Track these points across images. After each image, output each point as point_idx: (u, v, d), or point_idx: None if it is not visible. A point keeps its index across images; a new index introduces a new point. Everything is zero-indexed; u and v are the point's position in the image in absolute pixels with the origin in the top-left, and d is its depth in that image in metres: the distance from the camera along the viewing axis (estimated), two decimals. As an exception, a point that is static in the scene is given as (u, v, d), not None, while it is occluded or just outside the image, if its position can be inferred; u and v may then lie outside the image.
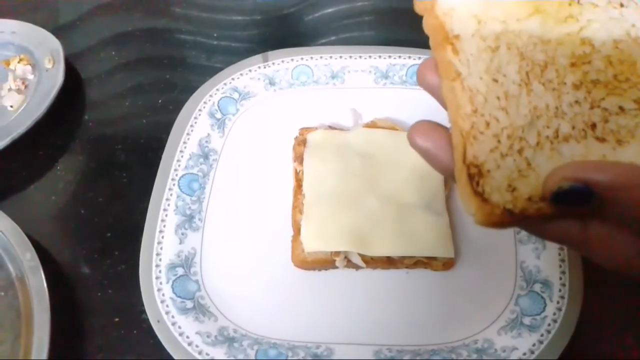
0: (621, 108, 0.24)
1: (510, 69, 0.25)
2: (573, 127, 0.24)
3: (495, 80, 0.25)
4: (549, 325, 0.41)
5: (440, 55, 0.26)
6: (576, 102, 0.24)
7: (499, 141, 0.24)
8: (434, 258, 0.45)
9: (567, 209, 0.22)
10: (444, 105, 0.26)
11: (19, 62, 0.61)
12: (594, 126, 0.24)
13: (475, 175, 0.23)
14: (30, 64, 0.61)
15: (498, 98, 0.25)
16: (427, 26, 0.27)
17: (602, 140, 0.24)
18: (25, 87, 0.60)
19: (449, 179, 0.26)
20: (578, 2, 0.26)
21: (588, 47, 0.26)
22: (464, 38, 0.26)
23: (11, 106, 0.58)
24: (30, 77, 0.61)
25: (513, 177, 0.23)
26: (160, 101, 0.60)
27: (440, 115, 0.26)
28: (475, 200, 0.23)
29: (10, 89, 0.59)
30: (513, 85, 0.25)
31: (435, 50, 0.26)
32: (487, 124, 0.24)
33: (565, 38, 0.26)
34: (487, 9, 0.26)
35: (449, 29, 0.26)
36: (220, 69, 0.59)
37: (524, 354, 0.40)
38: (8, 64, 0.62)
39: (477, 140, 0.24)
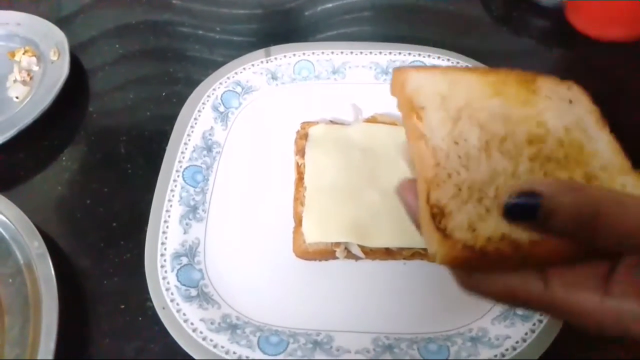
0: (571, 178, 0.27)
1: (471, 135, 0.28)
2: None
3: (456, 143, 0.28)
4: (541, 314, 0.43)
5: (408, 123, 0.29)
6: (531, 170, 0.27)
7: (459, 189, 0.26)
8: (431, 250, 0.46)
9: (519, 222, 0.24)
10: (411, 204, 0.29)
11: (24, 54, 0.62)
12: None
13: (438, 215, 0.25)
14: (35, 56, 0.62)
15: (459, 157, 0.27)
16: (399, 104, 0.30)
17: None
18: (31, 78, 0.61)
19: (412, 218, 0.29)
20: (534, 92, 0.30)
21: (543, 130, 0.29)
22: (428, 109, 0.29)
23: (17, 97, 0.59)
24: (36, 68, 0.61)
25: (473, 219, 0.25)
26: (164, 94, 0.61)
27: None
28: (438, 235, 0.25)
29: (15, 81, 0.60)
30: (473, 149, 0.27)
31: (404, 121, 0.30)
32: (449, 175, 0.26)
33: (523, 119, 0.29)
34: (452, 88, 0.30)
35: (416, 102, 0.29)
36: (222, 63, 0.60)
37: (517, 342, 0.41)
38: (13, 55, 0.62)
39: (440, 187, 0.26)
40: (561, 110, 0.30)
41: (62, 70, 0.59)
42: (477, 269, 0.25)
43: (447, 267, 0.25)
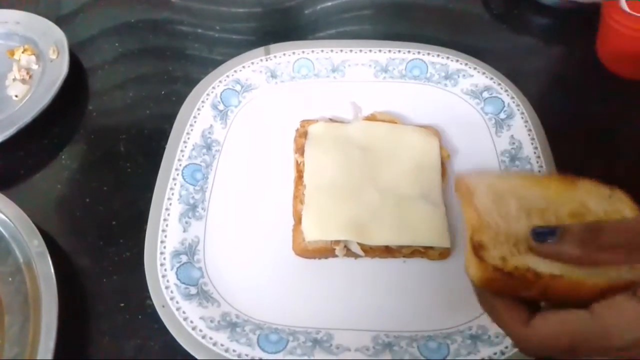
0: None
1: (512, 206, 0.34)
2: None
3: (498, 205, 0.34)
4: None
5: (463, 200, 0.35)
6: None
7: (497, 235, 0.32)
8: (431, 247, 0.46)
9: (541, 240, 0.30)
10: None
11: (23, 52, 0.62)
12: None
13: (477, 248, 0.31)
14: (34, 54, 0.62)
15: (499, 214, 0.33)
16: (458, 190, 0.37)
17: None
18: (30, 77, 0.61)
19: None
20: (574, 189, 0.35)
21: (585, 209, 0.33)
22: (479, 192, 0.35)
23: (16, 96, 0.59)
24: (35, 67, 0.61)
25: (505, 254, 0.31)
26: (163, 92, 0.61)
27: (436, 111, 0.28)
28: (475, 259, 0.31)
29: (15, 79, 0.60)
30: (513, 210, 0.34)
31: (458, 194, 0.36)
32: (489, 225, 0.33)
33: (565, 201, 0.34)
34: (500, 181, 0.36)
35: (468, 184, 0.36)
36: (222, 61, 0.60)
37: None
38: (13, 54, 0.62)
39: (482, 231, 0.32)
40: (601, 200, 0.34)
41: (61, 68, 0.59)
42: (506, 292, 0.31)
43: (480, 286, 0.32)
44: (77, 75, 0.62)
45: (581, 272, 0.29)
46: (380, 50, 0.59)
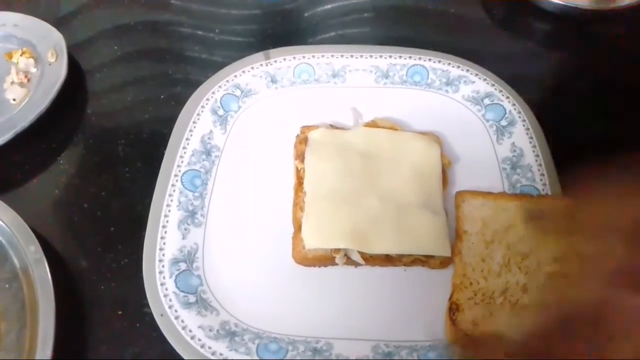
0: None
1: (496, 255, 0.39)
2: (530, 299, 0.37)
3: (483, 260, 0.40)
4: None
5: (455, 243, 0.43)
6: (542, 284, 0.37)
7: (475, 294, 0.38)
8: (432, 256, 0.46)
9: None
10: None
11: (21, 55, 0.61)
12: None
13: (454, 309, 0.38)
14: (32, 57, 0.61)
15: (482, 271, 0.39)
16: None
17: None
18: (28, 80, 0.60)
19: None
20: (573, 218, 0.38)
21: (571, 252, 0.36)
22: (470, 233, 0.41)
23: (14, 99, 0.58)
24: (33, 70, 0.61)
25: (477, 318, 0.36)
26: (162, 96, 0.61)
27: (437, 118, 0.28)
28: (449, 321, 0.38)
29: (13, 82, 0.59)
30: (496, 265, 0.39)
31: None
32: (471, 284, 0.39)
33: (554, 242, 0.38)
34: (494, 214, 0.41)
35: (461, 226, 0.43)
36: (222, 64, 0.59)
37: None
38: (11, 56, 0.62)
39: (462, 291, 0.38)
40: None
41: (59, 72, 0.58)
42: (471, 349, 0.37)
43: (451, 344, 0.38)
44: (75, 79, 0.61)
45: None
46: (381, 56, 0.58)
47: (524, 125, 0.53)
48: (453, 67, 0.58)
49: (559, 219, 0.36)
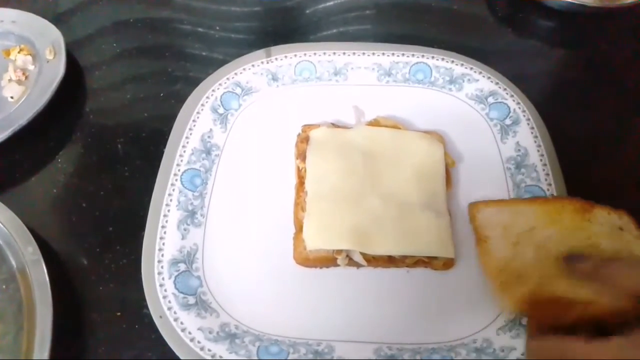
0: None
1: (526, 255, 0.38)
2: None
3: (514, 259, 0.39)
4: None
5: (479, 245, 0.42)
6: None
7: (519, 275, 0.38)
8: (435, 257, 0.45)
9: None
10: None
11: (19, 53, 0.60)
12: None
13: (504, 285, 0.37)
14: (30, 54, 0.61)
15: (519, 262, 0.38)
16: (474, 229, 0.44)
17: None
18: (26, 78, 0.59)
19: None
20: (589, 220, 0.39)
21: (595, 249, 0.37)
22: (492, 238, 0.40)
23: (11, 97, 0.57)
24: (31, 67, 0.60)
25: (533, 288, 0.37)
26: (162, 94, 0.60)
27: (441, 116, 0.27)
28: (505, 293, 0.38)
29: (10, 80, 0.59)
30: (529, 259, 0.38)
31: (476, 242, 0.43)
32: (512, 267, 0.38)
33: (577, 240, 0.37)
34: (513, 218, 0.40)
35: (481, 233, 0.42)
36: (222, 61, 0.59)
37: (522, 354, 0.40)
38: (8, 54, 0.61)
39: (505, 271, 0.38)
40: (613, 237, 0.37)
41: (58, 69, 0.57)
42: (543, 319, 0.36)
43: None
44: (74, 76, 0.61)
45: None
46: (383, 54, 0.58)
47: (528, 124, 0.53)
48: (456, 65, 0.57)
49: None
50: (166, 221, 0.47)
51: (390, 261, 0.46)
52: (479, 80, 0.56)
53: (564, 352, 0.33)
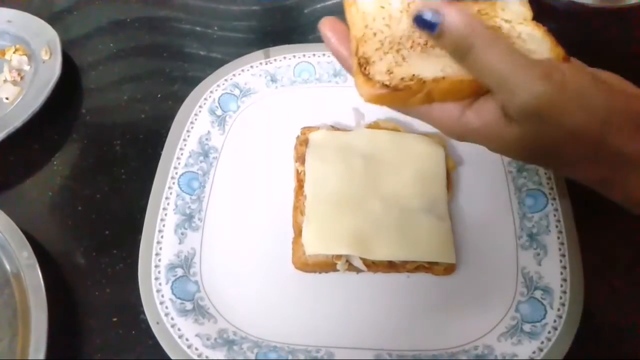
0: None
1: (395, 3, 0.35)
2: None
3: (382, 7, 0.34)
4: (549, 332, 0.41)
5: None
6: None
7: (382, 44, 0.33)
8: (436, 263, 0.45)
9: (421, 29, 0.31)
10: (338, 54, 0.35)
11: (14, 53, 0.60)
12: None
13: (364, 64, 0.32)
14: (26, 55, 0.60)
15: (383, 18, 0.34)
16: None
17: None
18: (21, 78, 0.59)
19: (344, 68, 0.35)
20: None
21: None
22: None
23: (7, 98, 0.57)
24: (27, 68, 0.59)
25: (391, 65, 0.32)
26: (159, 95, 0.59)
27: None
28: (362, 77, 0.32)
29: (5, 81, 0.58)
30: (396, 11, 0.34)
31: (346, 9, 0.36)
32: (374, 34, 0.33)
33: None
34: None
35: None
36: (221, 61, 0.58)
37: (524, 361, 0.40)
38: (3, 54, 0.60)
39: (366, 43, 0.33)
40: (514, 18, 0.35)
41: (54, 69, 0.56)
42: (395, 104, 0.33)
43: (373, 102, 0.32)
44: (70, 77, 0.60)
45: (461, 71, 0.31)
46: (384, 54, 0.57)
47: (530, 127, 0.52)
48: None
49: None
50: (163, 225, 0.47)
51: (390, 266, 0.45)
52: (480, 82, 0.55)
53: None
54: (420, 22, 0.30)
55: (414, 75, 0.31)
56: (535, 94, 0.28)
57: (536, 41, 0.34)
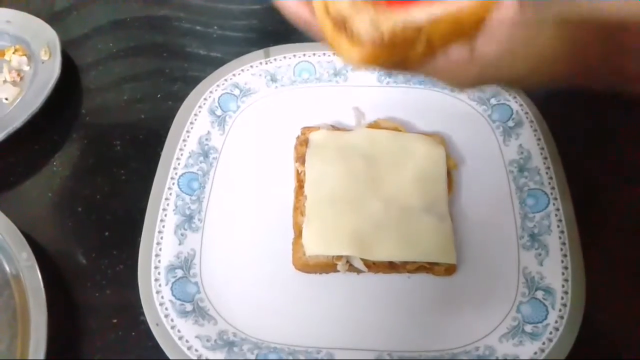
0: None
1: None
2: None
3: None
4: (551, 333, 0.41)
5: None
6: None
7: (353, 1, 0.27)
8: (436, 263, 0.45)
9: None
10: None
11: (14, 53, 0.60)
12: None
13: (340, 23, 0.26)
14: (25, 55, 0.60)
15: None
16: None
17: None
18: (21, 79, 0.58)
19: (311, 34, 0.30)
20: None
21: None
22: None
23: (6, 99, 0.56)
24: (26, 68, 0.59)
25: (374, 17, 0.26)
26: (159, 95, 0.59)
27: (442, 118, 0.26)
28: (344, 39, 0.26)
29: (5, 81, 0.58)
30: None
31: None
32: None
33: None
34: None
35: None
36: (221, 60, 0.58)
37: (526, 362, 0.40)
38: (3, 54, 0.60)
39: (336, 3, 0.27)
40: None
41: (53, 70, 0.56)
42: (393, 62, 0.27)
43: (366, 66, 0.27)
44: (69, 77, 0.60)
45: (459, 4, 0.26)
46: (384, 54, 0.56)
47: (531, 127, 0.52)
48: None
49: None
50: (163, 226, 0.46)
51: (391, 267, 0.45)
52: (481, 81, 0.55)
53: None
54: None
55: (404, 23, 0.26)
56: None
57: None
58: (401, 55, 0.27)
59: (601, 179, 0.52)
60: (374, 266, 0.45)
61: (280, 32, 0.65)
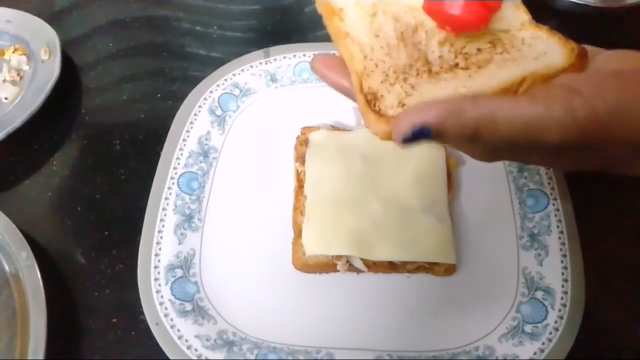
0: (479, 49, 0.31)
1: (387, 28, 0.32)
2: (441, 67, 0.31)
3: (377, 36, 0.32)
4: (551, 333, 0.41)
5: (331, 26, 0.32)
6: (440, 56, 0.31)
7: (387, 75, 0.30)
8: (436, 263, 0.45)
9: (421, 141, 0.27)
10: (338, 85, 0.33)
11: (14, 52, 0.60)
12: (457, 64, 0.31)
13: (372, 100, 0.29)
14: (25, 54, 0.60)
15: (382, 47, 0.31)
16: (320, 8, 0.33)
17: (465, 69, 0.30)
18: (21, 78, 0.58)
19: (349, 98, 0.32)
20: None
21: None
22: (346, 9, 0.33)
23: (6, 98, 0.57)
24: (26, 68, 0.59)
25: (402, 97, 0.29)
26: (159, 95, 0.59)
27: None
28: (373, 115, 0.29)
29: (4, 80, 0.58)
30: (392, 39, 0.32)
31: (327, 25, 0.33)
32: (376, 65, 0.31)
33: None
34: None
35: (334, 5, 0.33)
36: (221, 60, 0.58)
37: (526, 362, 0.40)
38: (3, 54, 0.60)
39: (369, 76, 0.30)
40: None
41: (53, 69, 0.56)
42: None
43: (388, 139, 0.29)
44: (69, 77, 0.60)
45: (475, 86, 0.29)
46: (384, 54, 0.57)
47: (531, 127, 0.52)
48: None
49: None
50: (163, 225, 0.46)
51: (390, 267, 0.45)
52: (481, 82, 0.55)
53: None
54: (413, 139, 0.27)
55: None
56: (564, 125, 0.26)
57: (543, 42, 0.32)
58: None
59: (601, 179, 0.52)
60: (373, 266, 0.45)
61: (280, 32, 0.65)
